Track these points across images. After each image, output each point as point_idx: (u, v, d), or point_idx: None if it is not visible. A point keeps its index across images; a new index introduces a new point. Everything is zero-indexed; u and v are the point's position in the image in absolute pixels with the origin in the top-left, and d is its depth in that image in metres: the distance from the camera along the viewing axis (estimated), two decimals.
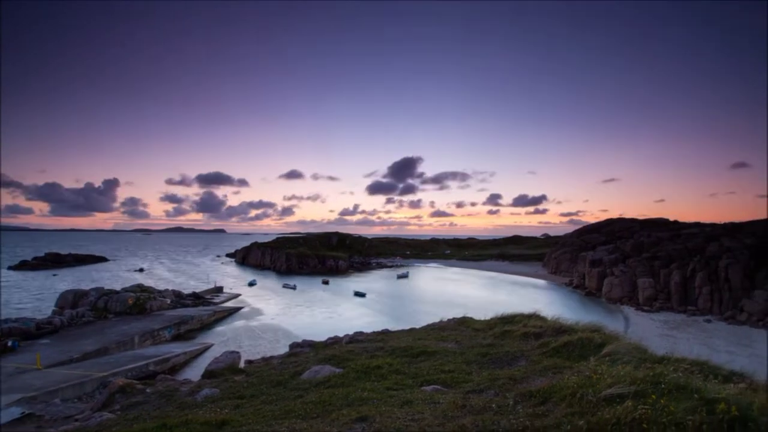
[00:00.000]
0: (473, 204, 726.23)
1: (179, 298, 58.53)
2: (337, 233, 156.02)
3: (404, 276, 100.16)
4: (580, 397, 5.85)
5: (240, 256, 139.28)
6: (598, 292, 70.16)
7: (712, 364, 8.29)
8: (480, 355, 12.74)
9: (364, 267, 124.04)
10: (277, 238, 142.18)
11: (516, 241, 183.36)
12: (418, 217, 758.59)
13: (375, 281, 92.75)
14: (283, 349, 28.12)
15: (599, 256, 77.06)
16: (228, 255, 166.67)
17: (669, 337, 43.15)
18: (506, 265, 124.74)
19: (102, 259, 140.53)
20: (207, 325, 47.45)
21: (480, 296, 69.38)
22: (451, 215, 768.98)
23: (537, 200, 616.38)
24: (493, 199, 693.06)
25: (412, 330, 21.71)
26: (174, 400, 12.31)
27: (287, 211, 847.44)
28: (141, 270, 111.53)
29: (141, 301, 48.56)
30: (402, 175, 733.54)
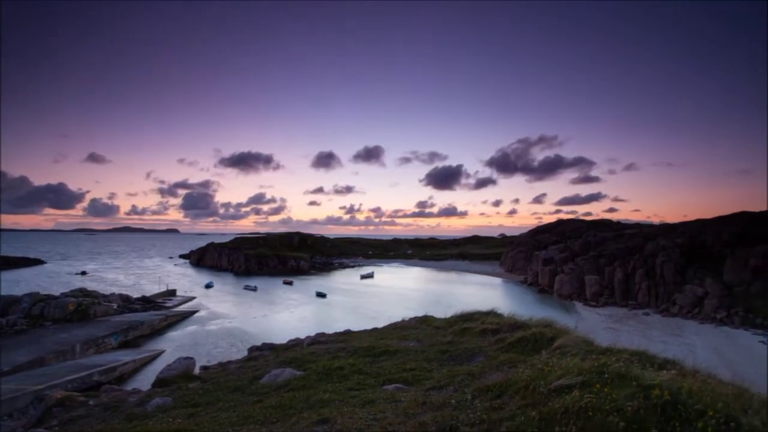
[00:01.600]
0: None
1: (127, 303, 54.96)
2: (298, 233, 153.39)
3: (369, 276, 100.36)
4: (533, 389, 6.17)
5: (195, 257, 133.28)
6: (550, 289, 74.02)
7: (649, 353, 8.99)
8: (440, 352, 13.03)
9: (326, 267, 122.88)
10: (235, 239, 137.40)
11: (475, 240, 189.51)
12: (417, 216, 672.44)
13: (338, 281, 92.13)
14: (241, 353, 27.24)
15: (551, 255, 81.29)
16: (182, 256, 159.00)
17: (613, 330, 46.35)
18: (466, 264, 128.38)
19: (38, 262, 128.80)
20: (158, 331, 44.98)
21: (440, 295, 70.85)
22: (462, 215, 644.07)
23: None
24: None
25: (374, 330, 21.79)
26: (121, 412, 11.56)
27: (278, 210, 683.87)
28: (83, 273, 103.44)
29: (83, 307, 45.03)
30: (505, 163, 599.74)
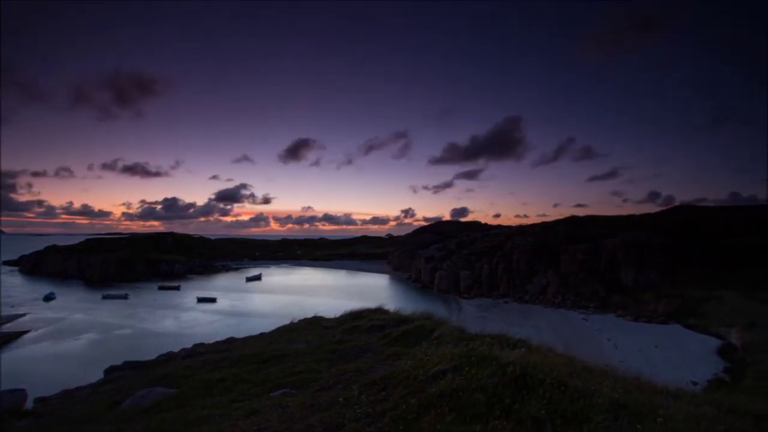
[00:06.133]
0: None
1: None
2: (172, 233, 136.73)
3: (256, 278, 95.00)
4: (414, 378, 6.70)
5: (28, 263, 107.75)
6: (431, 285, 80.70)
7: (507, 335, 10.58)
8: (330, 352, 13.11)
9: (206, 270, 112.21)
10: (88, 240, 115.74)
11: (365, 241, 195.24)
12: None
13: (220, 285, 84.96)
14: (96, 375, 23.02)
15: (431, 253, 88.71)
16: (8, 263, 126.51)
17: (481, 318, 52.93)
18: (355, 264, 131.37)
19: None
20: None
21: (330, 294, 71.14)
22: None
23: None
24: None
25: (261, 335, 20.75)
26: None
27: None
28: None
29: None
30: None
